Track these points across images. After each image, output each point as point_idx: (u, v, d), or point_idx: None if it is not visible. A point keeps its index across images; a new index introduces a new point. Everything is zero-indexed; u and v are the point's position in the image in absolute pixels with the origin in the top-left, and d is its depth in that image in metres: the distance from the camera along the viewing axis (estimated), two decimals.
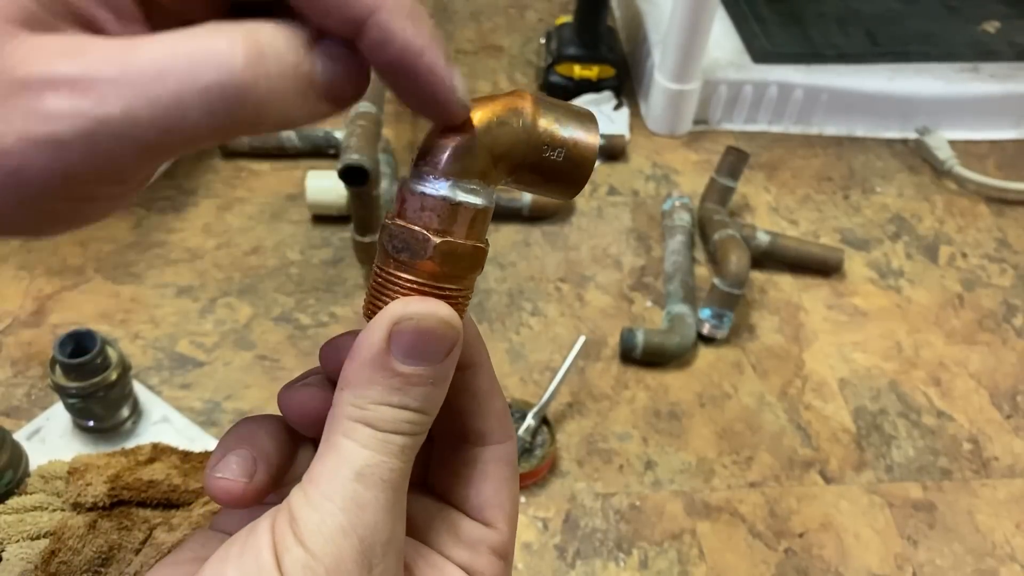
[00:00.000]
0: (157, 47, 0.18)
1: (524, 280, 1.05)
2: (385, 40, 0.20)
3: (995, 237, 1.16)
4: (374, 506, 0.21)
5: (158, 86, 0.18)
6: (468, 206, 0.23)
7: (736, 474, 0.86)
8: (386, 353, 0.22)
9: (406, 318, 0.22)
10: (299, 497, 0.22)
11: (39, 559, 0.38)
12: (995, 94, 1.29)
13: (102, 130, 0.18)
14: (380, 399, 0.22)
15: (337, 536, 0.21)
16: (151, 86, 0.18)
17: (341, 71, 0.20)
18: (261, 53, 0.19)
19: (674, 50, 1.20)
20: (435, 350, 0.22)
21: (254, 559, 0.21)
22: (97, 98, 0.17)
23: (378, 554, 0.21)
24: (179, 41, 0.18)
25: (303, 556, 0.20)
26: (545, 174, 0.24)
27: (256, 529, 0.21)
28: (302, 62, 0.20)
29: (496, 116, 0.23)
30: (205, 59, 0.18)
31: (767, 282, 1.07)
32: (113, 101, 0.17)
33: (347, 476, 0.21)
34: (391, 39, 0.20)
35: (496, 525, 0.26)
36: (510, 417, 0.28)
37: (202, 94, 0.18)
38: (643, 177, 1.21)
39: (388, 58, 0.20)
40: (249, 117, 0.19)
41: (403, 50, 0.20)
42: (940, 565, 0.81)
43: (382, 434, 0.22)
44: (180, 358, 0.92)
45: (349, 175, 0.90)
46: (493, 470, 0.27)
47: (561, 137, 0.24)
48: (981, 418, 0.94)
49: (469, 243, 0.23)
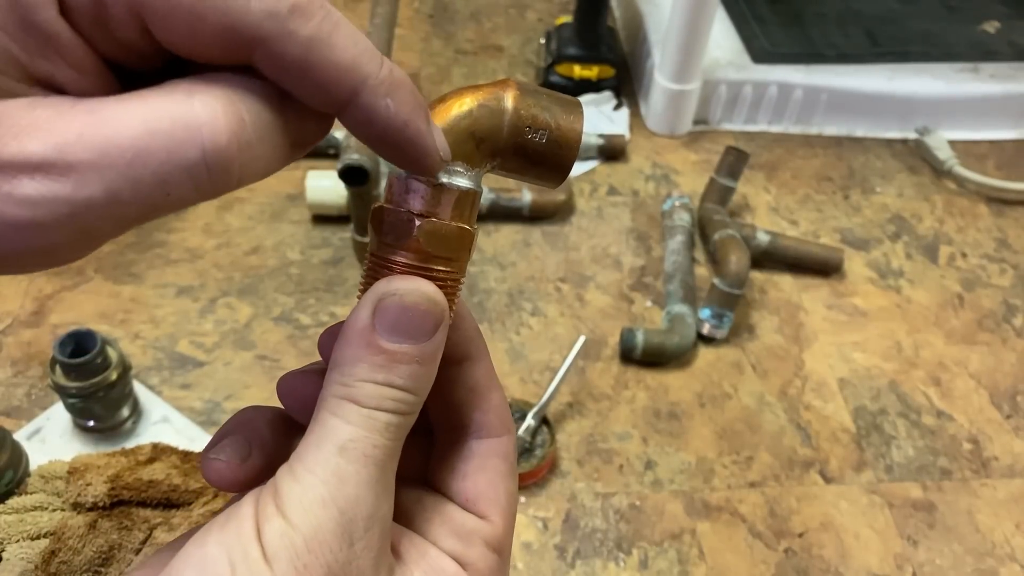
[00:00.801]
0: (133, 120, 0.17)
1: (524, 280, 1.05)
2: (368, 120, 0.21)
3: (995, 237, 1.16)
4: (355, 480, 0.21)
5: (140, 167, 0.17)
6: (452, 188, 0.23)
7: (736, 474, 0.86)
8: (371, 330, 0.22)
9: (389, 294, 0.23)
10: (284, 472, 0.22)
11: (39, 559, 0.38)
12: (995, 94, 1.29)
13: (84, 213, 0.17)
14: (365, 376, 0.22)
15: (316, 507, 0.21)
16: (133, 167, 0.17)
17: (311, 121, 0.21)
18: (242, 121, 0.18)
19: (674, 50, 1.20)
20: (419, 326, 0.23)
21: (235, 529, 0.21)
22: (77, 182, 0.17)
23: (359, 528, 0.21)
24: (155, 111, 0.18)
25: (282, 525, 0.21)
26: (529, 157, 0.24)
27: (240, 503, 0.22)
28: (278, 121, 0.20)
29: (479, 100, 0.24)
30: (187, 136, 0.18)
31: (767, 282, 1.07)
32: (94, 185, 0.17)
33: (330, 450, 0.21)
34: (374, 119, 0.20)
35: (490, 518, 0.26)
36: (509, 411, 0.28)
37: (187, 171, 0.18)
38: (643, 177, 1.21)
39: (373, 133, 0.21)
40: (232, 183, 0.19)
41: (386, 127, 0.21)
42: (940, 565, 0.81)
43: (366, 410, 0.22)
44: (180, 358, 0.92)
45: (349, 175, 0.90)
46: (489, 463, 0.27)
47: (544, 119, 0.24)
48: (981, 418, 0.94)
49: (454, 224, 0.24)
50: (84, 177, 0.17)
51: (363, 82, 0.20)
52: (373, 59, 0.20)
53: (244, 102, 0.19)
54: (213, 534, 0.21)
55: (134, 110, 0.18)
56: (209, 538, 0.21)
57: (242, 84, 0.19)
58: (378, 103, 0.20)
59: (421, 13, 1.50)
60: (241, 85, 0.19)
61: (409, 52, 1.40)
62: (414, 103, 0.21)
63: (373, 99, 0.20)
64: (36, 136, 0.17)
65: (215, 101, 0.18)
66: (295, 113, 0.20)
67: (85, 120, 0.17)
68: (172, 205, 0.18)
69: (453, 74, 1.37)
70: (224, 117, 0.18)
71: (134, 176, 0.17)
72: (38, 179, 0.17)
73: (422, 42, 1.43)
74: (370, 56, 0.20)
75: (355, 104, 0.20)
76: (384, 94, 0.20)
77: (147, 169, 0.17)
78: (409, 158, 0.22)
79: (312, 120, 0.21)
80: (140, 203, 0.18)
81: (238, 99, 0.19)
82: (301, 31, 0.19)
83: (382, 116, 0.20)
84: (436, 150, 0.22)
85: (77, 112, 0.17)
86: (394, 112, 0.21)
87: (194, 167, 0.18)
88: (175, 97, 0.18)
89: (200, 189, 0.18)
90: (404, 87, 0.21)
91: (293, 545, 0.20)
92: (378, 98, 0.20)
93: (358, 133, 0.21)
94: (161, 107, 0.18)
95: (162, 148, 0.17)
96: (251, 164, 0.19)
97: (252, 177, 0.19)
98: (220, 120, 0.18)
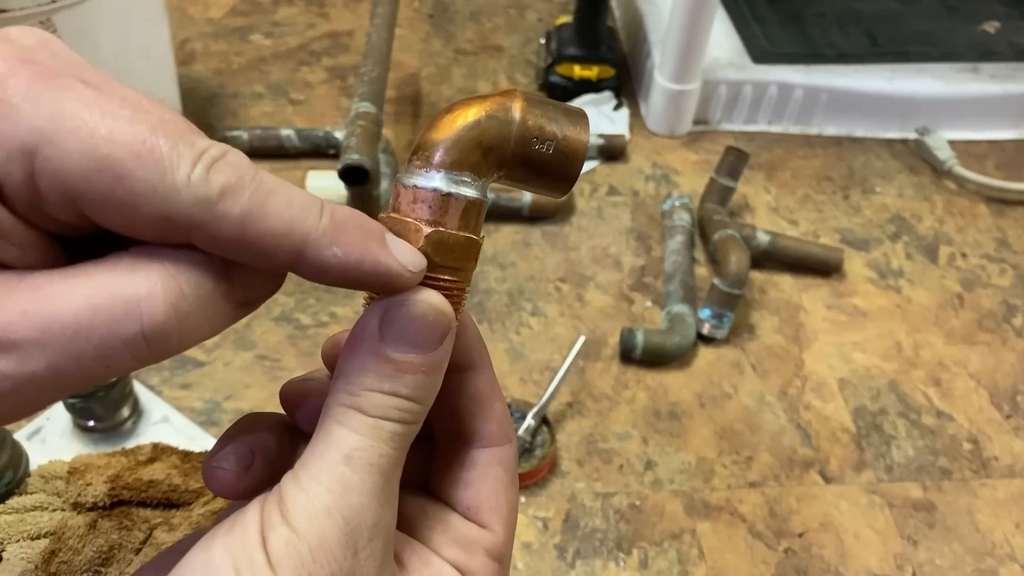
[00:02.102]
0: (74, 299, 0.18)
1: (524, 280, 1.05)
2: (322, 271, 0.21)
3: (995, 237, 1.16)
4: (360, 489, 0.21)
5: (81, 342, 0.18)
6: (459, 197, 0.23)
7: (736, 474, 0.86)
8: (378, 340, 0.22)
9: (396, 304, 0.23)
10: (289, 480, 0.22)
11: (39, 559, 0.38)
12: (995, 94, 1.29)
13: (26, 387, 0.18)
14: (371, 385, 0.22)
15: (321, 516, 0.21)
16: (74, 343, 0.18)
17: (257, 279, 0.21)
18: (181, 294, 0.19)
19: (674, 50, 1.20)
20: (426, 337, 0.23)
21: (241, 536, 0.21)
22: (20, 358, 0.18)
23: (364, 537, 0.21)
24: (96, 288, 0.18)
25: (287, 534, 0.21)
26: (536, 167, 0.25)
27: (246, 510, 0.22)
28: (220, 286, 0.20)
29: (486, 111, 0.24)
30: (125, 312, 0.18)
31: (767, 282, 1.07)
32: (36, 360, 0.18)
33: (335, 459, 0.22)
34: (327, 269, 0.21)
35: (492, 527, 0.26)
36: (510, 420, 0.28)
37: (126, 344, 0.18)
38: (643, 177, 1.21)
39: (332, 280, 0.21)
40: (171, 351, 0.19)
41: (342, 271, 0.21)
42: (940, 565, 0.81)
43: (372, 419, 0.22)
44: (180, 358, 0.92)
45: (349, 175, 0.90)
46: (491, 472, 0.27)
47: (550, 130, 0.24)
48: (981, 418, 0.94)
49: (461, 234, 0.24)
50: (26, 353, 0.18)
51: (304, 240, 0.20)
52: (311, 213, 0.20)
53: (183, 275, 0.19)
54: (218, 540, 0.21)
55: (77, 287, 0.18)
56: (214, 544, 0.21)
57: (183, 257, 0.19)
58: (324, 255, 0.20)
59: (421, 13, 1.50)
60: (183, 258, 0.19)
61: (409, 52, 1.40)
62: (363, 237, 0.21)
63: (318, 252, 0.20)
64: None
65: (155, 276, 0.19)
66: (242, 276, 0.21)
67: (28, 298, 0.18)
68: (112, 374, 0.19)
69: (453, 74, 1.37)
70: (163, 291, 0.19)
71: (75, 351, 0.18)
72: None
73: (422, 42, 1.43)
74: (307, 211, 0.20)
75: (303, 262, 0.20)
76: (328, 244, 0.20)
77: (88, 344, 0.18)
78: (377, 287, 0.22)
79: (260, 280, 0.21)
80: (81, 375, 0.18)
81: (178, 272, 0.19)
82: (232, 211, 0.19)
83: (333, 265, 0.21)
84: (400, 270, 0.22)
85: (21, 290, 0.18)
86: (344, 256, 0.21)
87: (132, 340, 0.18)
88: (116, 272, 0.19)
89: (139, 358, 0.19)
90: (347, 226, 0.21)
91: (298, 554, 0.20)
92: (323, 250, 0.20)
93: (318, 281, 0.21)
94: (103, 284, 0.18)
95: (102, 324, 0.18)
96: (192, 331, 0.19)
97: (194, 341, 0.20)
98: (159, 295, 0.19)
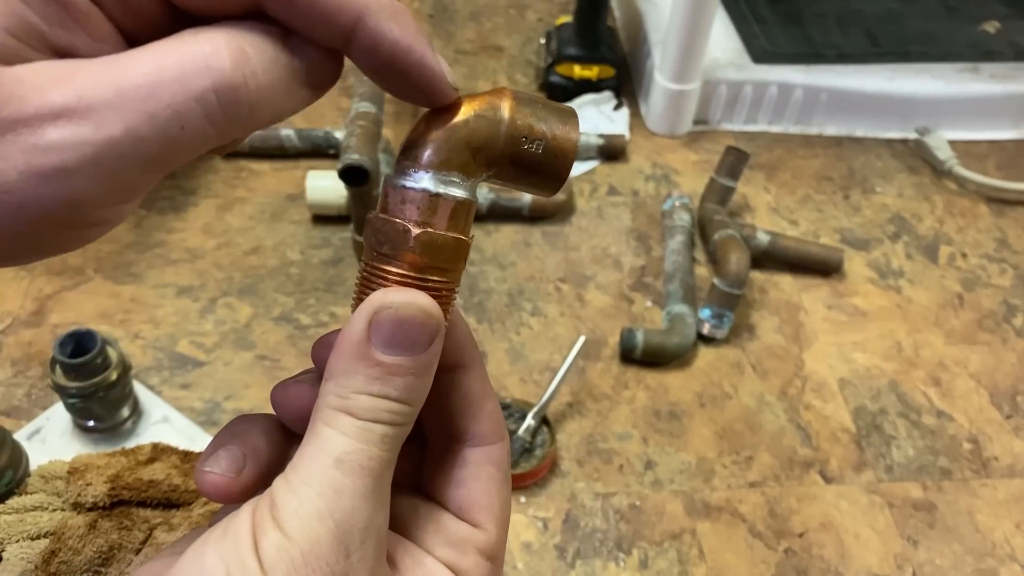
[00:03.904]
0: (145, 62, 0.18)
1: (524, 280, 1.05)
2: (374, 46, 0.21)
3: (995, 237, 1.16)
4: (351, 492, 0.21)
5: (154, 101, 0.18)
6: (448, 198, 0.23)
7: (736, 474, 0.86)
8: (366, 343, 0.22)
9: (385, 307, 0.22)
10: (280, 483, 0.22)
11: (39, 559, 0.38)
12: (995, 94, 1.29)
13: (107, 153, 0.18)
14: (361, 388, 0.22)
15: (313, 520, 0.21)
16: (147, 102, 0.18)
17: (317, 58, 0.21)
18: (245, 52, 0.19)
19: (674, 50, 1.20)
20: (415, 339, 0.23)
21: (233, 541, 0.21)
22: (97, 122, 0.18)
23: (355, 540, 0.21)
24: (165, 52, 0.19)
25: (279, 539, 0.21)
26: (525, 167, 0.25)
27: (238, 514, 0.22)
28: (282, 55, 0.20)
29: (475, 110, 0.24)
30: (194, 67, 0.18)
31: (767, 282, 1.07)
32: (113, 123, 0.18)
33: (326, 463, 0.22)
34: (379, 44, 0.21)
35: (484, 526, 0.26)
36: (502, 419, 0.28)
37: (198, 101, 0.18)
38: (643, 177, 1.21)
39: (380, 60, 0.21)
40: (244, 115, 0.19)
41: (392, 51, 0.21)
42: (940, 565, 0.81)
43: (362, 422, 0.22)
44: (180, 358, 0.92)
45: (349, 175, 0.90)
46: (483, 471, 0.27)
47: (540, 129, 0.24)
48: (981, 418, 0.94)
49: (450, 235, 0.23)
50: (104, 117, 0.18)
51: (365, 7, 0.20)
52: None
53: (246, 37, 0.20)
54: (211, 545, 0.21)
55: (146, 55, 0.19)
56: (207, 548, 0.21)
57: (244, 24, 0.20)
58: (382, 27, 0.21)
59: (421, 13, 1.50)
60: (243, 25, 0.20)
61: None
62: (416, 31, 0.22)
63: (376, 23, 0.21)
64: (56, 87, 0.18)
65: (218, 36, 0.19)
66: (302, 50, 0.21)
67: (101, 68, 0.18)
68: (190, 141, 0.19)
69: (453, 74, 1.37)
70: (227, 48, 0.19)
71: (150, 111, 0.18)
72: (61, 125, 0.17)
73: None
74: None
75: (360, 30, 0.21)
76: (387, 18, 0.21)
77: (161, 102, 0.18)
78: (419, 85, 0.22)
79: (320, 58, 0.21)
80: (158, 139, 0.18)
81: (239, 35, 0.19)
82: None
83: (387, 40, 0.21)
84: (444, 75, 0.23)
85: (94, 64, 0.18)
86: (399, 35, 0.21)
87: (204, 95, 0.18)
88: (182, 39, 0.19)
89: (213, 121, 0.19)
90: (405, 14, 0.21)
91: (290, 559, 0.20)
92: (382, 22, 0.21)
93: (365, 65, 0.21)
94: (170, 49, 0.19)
95: (173, 80, 0.18)
96: (261, 97, 0.20)
97: (266, 111, 0.20)
98: (223, 49, 0.19)
